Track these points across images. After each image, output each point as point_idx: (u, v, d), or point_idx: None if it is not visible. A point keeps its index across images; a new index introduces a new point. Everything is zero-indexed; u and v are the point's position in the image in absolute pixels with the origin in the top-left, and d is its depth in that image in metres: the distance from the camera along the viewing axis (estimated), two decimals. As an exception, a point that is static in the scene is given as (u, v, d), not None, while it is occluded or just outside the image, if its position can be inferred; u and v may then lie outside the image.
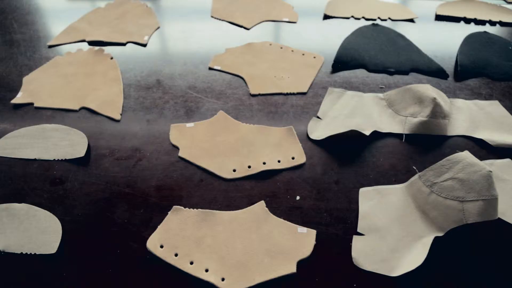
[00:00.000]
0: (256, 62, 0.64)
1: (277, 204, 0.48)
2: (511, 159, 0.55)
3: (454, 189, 0.45)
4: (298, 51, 0.67)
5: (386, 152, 0.54)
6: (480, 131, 0.58)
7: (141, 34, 0.69)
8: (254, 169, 0.50)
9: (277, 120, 0.57)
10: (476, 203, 0.44)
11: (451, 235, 0.45)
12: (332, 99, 0.60)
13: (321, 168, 0.51)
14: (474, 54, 0.71)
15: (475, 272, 0.43)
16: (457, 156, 0.47)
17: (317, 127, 0.56)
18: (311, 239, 0.45)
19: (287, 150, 0.53)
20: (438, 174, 0.47)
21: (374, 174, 0.51)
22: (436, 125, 0.55)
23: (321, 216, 0.47)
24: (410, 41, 0.72)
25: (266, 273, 0.42)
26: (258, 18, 0.74)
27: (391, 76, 0.66)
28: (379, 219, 0.47)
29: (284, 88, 0.60)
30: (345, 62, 0.66)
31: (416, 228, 0.46)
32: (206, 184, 0.49)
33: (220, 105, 0.58)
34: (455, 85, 0.67)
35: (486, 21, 0.81)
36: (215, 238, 0.45)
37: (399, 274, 0.41)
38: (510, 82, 0.68)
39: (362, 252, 0.44)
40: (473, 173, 0.45)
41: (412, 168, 0.50)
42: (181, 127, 0.55)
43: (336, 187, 0.50)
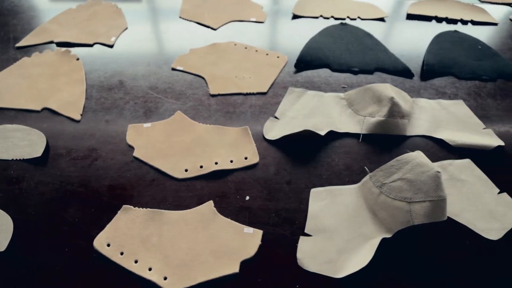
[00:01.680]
0: (219, 63, 0.64)
1: (226, 204, 0.48)
2: (471, 159, 0.54)
3: (402, 190, 0.45)
4: (263, 51, 0.67)
5: (342, 152, 0.54)
6: (441, 131, 0.57)
7: (108, 35, 0.69)
8: (206, 169, 0.50)
9: (234, 120, 0.57)
10: (423, 204, 0.43)
11: (404, 235, 0.44)
12: (292, 99, 0.60)
13: (274, 168, 0.51)
14: (442, 53, 0.70)
15: (421, 272, 0.42)
16: (407, 157, 0.47)
17: (273, 127, 0.55)
18: (256, 240, 0.45)
19: (241, 150, 0.53)
20: (388, 175, 0.47)
21: (328, 174, 0.51)
22: (393, 124, 0.55)
23: (269, 217, 0.46)
24: (377, 40, 0.72)
25: (208, 273, 0.42)
26: (225, 19, 0.74)
27: (355, 76, 0.66)
28: (329, 219, 0.47)
29: (244, 88, 0.60)
30: (308, 62, 0.65)
31: (365, 229, 0.46)
32: (158, 184, 0.49)
33: (179, 105, 0.58)
34: (420, 85, 0.66)
35: (458, 20, 0.80)
36: (161, 238, 0.45)
37: (343, 276, 0.41)
38: (477, 81, 0.67)
39: (307, 253, 0.44)
40: (421, 174, 0.45)
41: (364, 168, 0.50)
42: (138, 127, 0.55)
43: (288, 188, 0.50)
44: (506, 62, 0.71)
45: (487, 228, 0.47)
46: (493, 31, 0.82)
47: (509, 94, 0.66)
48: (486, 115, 0.62)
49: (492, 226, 0.48)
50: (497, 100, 0.66)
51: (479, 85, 0.67)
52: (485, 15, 0.82)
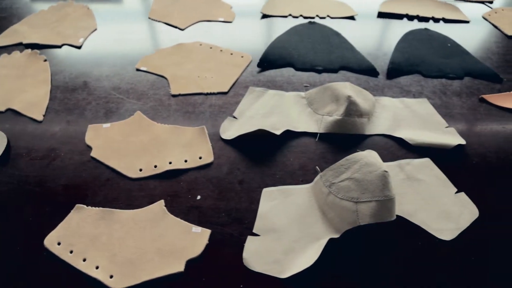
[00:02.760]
0: (183, 63, 0.65)
1: (177, 204, 0.48)
2: (433, 158, 0.54)
3: (350, 190, 0.45)
4: (227, 51, 0.67)
5: (298, 151, 0.54)
6: (402, 129, 0.57)
7: (77, 37, 0.70)
8: (160, 168, 0.51)
9: (193, 120, 0.57)
10: (369, 204, 0.43)
11: (354, 235, 0.44)
12: (252, 98, 0.60)
13: (227, 168, 0.51)
14: (410, 51, 0.70)
15: (367, 273, 0.42)
16: (356, 156, 0.47)
17: (230, 127, 0.56)
18: (203, 239, 0.45)
19: (196, 149, 0.53)
20: (337, 174, 0.47)
21: (282, 174, 0.51)
22: (351, 123, 0.55)
23: (218, 216, 0.47)
24: (345, 39, 0.71)
25: (153, 272, 0.43)
26: (193, 19, 0.75)
27: (319, 75, 0.65)
28: (278, 219, 0.47)
29: (205, 88, 0.60)
30: (272, 61, 0.65)
31: (315, 230, 0.46)
32: (112, 183, 0.50)
33: (139, 105, 0.59)
34: (385, 83, 0.66)
35: (430, 18, 0.80)
36: (110, 236, 0.45)
37: (288, 276, 0.41)
38: (444, 79, 0.67)
39: (254, 253, 0.44)
40: (368, 173, 0.44)
41: (316, 168, 0.50)
42: (98, 127, 0.56)
43: (240, 187, 0.50)
44: (475, 60, 0.70)
45: (441, 229, 0.47)
46: (465, 29, 0.81)
47: (475, 93, 0.66)
48: (450, 114, 0.62)
49: (446, 227, 0.47)
50: (462, 98, 0.65)
51: (445, 84, 0.67)
52: (457, 13, 0.81)
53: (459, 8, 0.84)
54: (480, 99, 0.65)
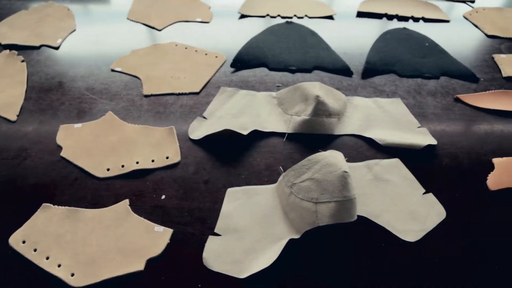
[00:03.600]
0: (158, 63, 0.65)
1: (141, 203, 0.48)
2: (404, 158, 0.53)
3: (310, 190, 0.45)
4: (202, 51, 0.67)
5: (265, 152, 0.54)
6: (372, 130, 0.56)
7: (55, 37, 0.71)
8: (127, 168, 0.51)
9: (163, 120, 0.57)
10: (328, 205, 0.43)
11: (318, 236, 0.44)
12: (223, 98, 0.60)
13: (193, 168, 0.52)
14: (386, 50, 0.69)
15: (326, 274, 0.42)
16: (317, 156, 0.47)
17: (199, 127, 0.56)
18: (165, 238, 0.45)
19: (164, 149, 0.53)
20: (298, 175, 0.47)
21: (247, 174, 0.51)
22: (319, 123, 0.55)
23: (181, 216, 0.47)
24: (321, 38, 0.71)
25: (114, 270, 0.43)
26: (171, 19, 0.75)
27: (292, 75, 0.65)
28: (241, 219, 0.47)
29: (177, 88, 0.60)
30: (245, 61, 0.65)
31: (277, 230, 0.46)
32: (80, 183, 0.50)
33: (112, 106, 0.59)
34: (358, 83, 0.65)
35: (409, 17, 0.79)
36: (74, 235, 0.46)
37: (246, 276, 0.41)
38: (419, 79, 0.66)
39: (214, 253, 0.44)
40: (328, 174, 0.44)
41: (279, 168, 0.50)
42: (69, 127, 0.56)
43: (204, 187, 0.50)
44: (452, 59, 0.69)
45: (406, 230, 0.47)
46: (445, 28, 0.80)
47: (450, 92, 0.65)
48: (423, 114, 0.61)
49: (411, 228, 0.47)
50: (437, 98, 0.64)
51: (420, 83, 0.66)
52: (437, 12, 0.80)
53: (440, 7, 0.83)
54: (455, 99, 0.64)
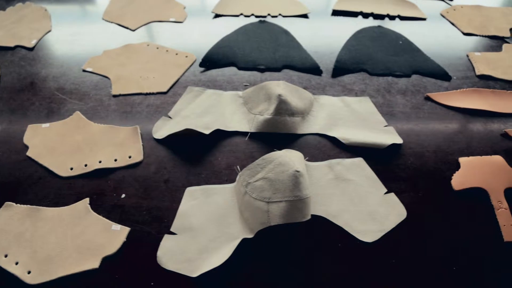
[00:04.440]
0: (128, 63, 0.66)
1: (102, 202, 0.49)
2: (370, 157, 0.53)
3: (263, 190, 0.45)
4: (173, 51, 0.68)
5: (227, 151, 0.54)
6: (337, 129, 0.56)
7: (30, 38, 0.72)
8: (90, 167, 0.51)
9: (129, 119, 0.58)
10: (279, 204, 0.43)
11: (272, 236, 0.44)
12: (190, 98, 0.60)
13: (155, 167, 0.52)
14: (358, 49, 0.69)
15: (281, 273, 0.42)
16: (272, 155, 0.47)
17: (163, 126, 0.56)
18: (121, 237, 0.46)
19: (127, 149, 0.53)
20: (253, 174, 0.47)
21: (207, 173, 0.52)
22: (281, 122, 0.55)
23: (140, 214, 0.47)
24: (293, 37, 0.71)
25: (69, 268, 0.44)
26: (145, 19, 0.75)
27: (261, 74, 0.65)
28: (197, 218, 0.47)
29: (145, 88, 0.61)
30: (215, 61, 0.65)
31: (232, 229, 0.46)
32: (44, 182, 0.51)
33: (80, 106, 0.60)
34: (327, 81, 0.65)
35: (385, 15, 0.79)
36: (34, 233, 0.47)
37: (198, 275, 0.41)
38: (389, 77, 0.66)
39: (168, 251, 0.44)
40: (281, 173, 0.44)
41: (235, 167, 0.50)
42: (37, 127, 0.57)
43: (164, 186, 0.50)
44: (425, 57, 0.69)
45: (364, 230, 0.47)
46: (422, 26, 0.79)
47: (421, 91, 0.65)
48: (391, 112, 0.61)
49: (370, 228, 0.47)
50: (407, 96, 0.64)
51: (391, 82, 0.66)
52: (414, 10, 0.79)
53: (419, 5, 0.82)
54: (425, 98, 0.63)
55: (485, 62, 0.69)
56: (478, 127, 0.60)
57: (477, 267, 0.44)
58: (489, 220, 0.48)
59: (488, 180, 0.52)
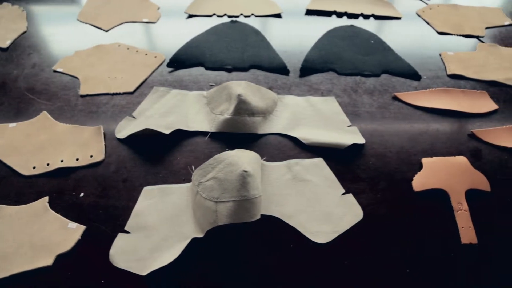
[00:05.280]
0: (98, 64, 0.66)
1: (61, 200, 0.49)
2: (333, 157, 0.53)
3: (213, 189, 0.45)
4: (143, 51, 0.68)
5: (187, 151, 0.54)
6: (299, 128, 0.56)
7: (5, 39, 0.73)
8: (52, 166, 0.52)
9: (94, 119, 0.58)
10: (226, 204, 0.43)
11: (222, 235, 0.44)
12: (155, 98, 0.60)
13: (115, 167, 0.53)
14: (328, 48, 0.68)
15: (231, 273, 0.43)
16: (223, 155, 0.47)
17: (126, 126, 0.56)
18: (76, 235, 0.46)
19: (89, 148, 0.54)
20: (205, 173, 0.47)
21: (165, 173, 0.52)
22: (241, 122, 0.55)
23: (96, 213, 0.48)
24: (263, 37, 0.71)
25: (23, 265, 0.44)
26: (118, 20, 0.76)
27: (228, 74, 0.65)
28: (152, 218, 0.48)
29: (113, 88, 0.61)
30: (183, 61, 0.66)
31: (185, 228, 0.46)
32: (6, 181, 0.52)
33: (48, 106, 0.60)
34: (294, 81, 0.65)
35: (359, 14, 0.78)
36: (-8, 231, 0.48)
37: (146, 273, 0.41)
38: (358, 77, 0.65)
39: (121, 250, 0.45)
40: (229, 173, 0.45)
41: (190, 167, 0.50)
42: (4, 127, 0.57)
43: (122, 185, 0.51)
44: (396, 57, 0.68)
45: (317, 231, 0.47)
46: (396, 25, 0.78)
47: (389, 90, 0.64)
48: (356, 112, 0.61)
49: (323, 229, 0.47)
50: (374, 96, 0.63)
51: (359, 81, 0.65)
52: (389, 9, 0.78)
53: (394, 4, 0.81)
54: (393, 97, 0.63)
55: (457, 62, 0.68)
56: (445, 127, 0.59)
57: (431, 270, 0.43)
58: (449, 222, 0.47)
59: (449, 181, 0.52)
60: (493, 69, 0.67)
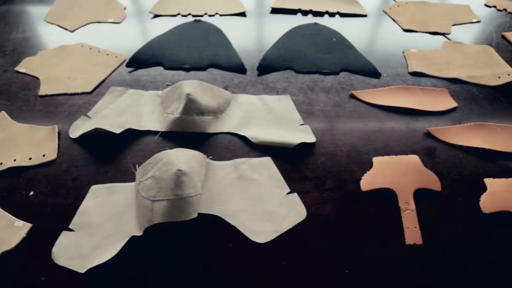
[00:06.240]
0: (61, 64, 0.67)
1: (11, 199, 0.50)
2: (277, 157, 0.52)
3: (150, 188, 0.45)
4: (104, 51, 0.69)
5: (137, 150, 0.55)
6: (250, 127, 0.56)
7: (-27, 40, 0.75)
8: (4, 165, 0.53)
9: (51, 119, 0.59)
10: (162, 203, 0.44)
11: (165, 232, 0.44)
12: (111, 98, 0.61)
13: (66, 166, 0.53)
14: (288, 46, 0.68)
15: (169, 272, 0.43)
16: (161, 154, 0.47)
17: (81, 126, 0.57)
18: (21, 233, 0.47)
19: (43, 148, 0.55)
20: (145, 172, 0.47)
21: (114, 171, 0.52)
22: (190, 121, 0.55)
23: (44, 211, 0.49)
24: (225, 36, 0.71)
25: (-32, 262, 0.46)
26: (84, 20, 0.77)
27: (185, 73, 0.66)
28: (97, 216, 0.48)
29: (71, 88, 0.62)
30: (142, 61, 0.66)
31: (126, 227, 0.47)
32: (-40, 180, 0.54)
33: (8, 106, 0.61)
34: (250, 80, 0.65)
35: (324, 12, 0.78)
36: None
37: (84, 271, 0.42)
38: (316, 75, 0.65)
39: (63, 248, 0.45)
40: (165, 172, 0.45)
41: (131, 166, 0.51)
42: (-37, 127, 0.60)
43: (72, 184, 0.51)
44: (357, 54, 0.67)
45: (258, 231, 0.46)
46: (361, 22, 0.78)
47: (346, 88, 0.64)
48: (311, 111, 0.60)
49: (265, 229, 0.47)
50: (330, 94, 0.63)
51: (316, 79, 0.65)
52: (354, 7, 0.78)
53: (361, 2, 0.80)
54: (350, 96, 0.63)
55: (420, 59, 0.67)
56: (400, 126, 0.59)
57: (371, 271, 0.43)
58: (395, 222, 0.46)
59: (398, 181, 0.51)
60: (456, 66, 0.66)
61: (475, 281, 0.42)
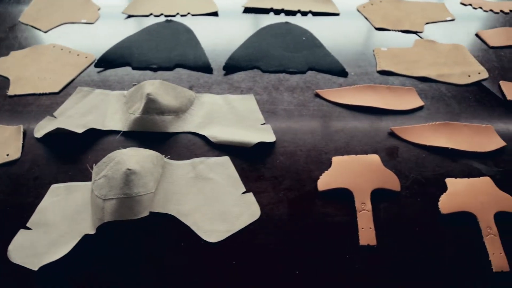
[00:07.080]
0: (32, 64, 0.68)
1: (-28, 199, 0.52)
2: (237, 156, 0.52)
3: (102, 187, 0.46)
4: (75, 52, 0.70)
5: (99, 149, 0.55)
6: (211, 127, 0.56)
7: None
8: (-31, 165, 0.55)
9: (18, 119, 0.60)
10: (111, 202, 0.44)
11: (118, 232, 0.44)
12: (77, 98, 0.62)
13: (29, 165, 0.54)
14: (256, 46, 0.68)
15: (120, 272, 0.43)
16: (114, 154, 0.48)
17: (46, 126, 0.58)
18: (-19, 231, 0.49)
19: (7, 147, 0.56)
20: (99, 172, 0.48)
21: (75, 171, 0.53)
22: (150, 121, 0.55)
23: (4, 210, 0.49)
24: (194, 36, 0.71)
25: None
26: (57, 21, 0.77)
27: (153, 73, 0.66)
28: (54, 215, 0.49)
29: (40, 89, 0.63)
30: (111, 61, 0.67)
31: (82, 226, 0.47)
32: None
33: (-23, 107, 0.63)
34: (216, 80, 0.65)
35: (296, 11, 0.77)
36: None
37: (37, 268, 0.42)
38: (282, 74, 0.65)
39: (19, 246, 0.46)
40: (116, 171, 0.46)
41: (87, 165, 0.51)
42: None
43: (33, 183, 0.52)
44: (326, 53, 0.67)
45: (211, 230, 0.47)
46: (334, 21, 0.77)
47: (312, 87, 0.64)
48: (274, 110, 0.60)
49: (218, 228, 0.47)
50: (295, 94, 0.63)
51: (282, 79, 0.65)
52: (327, 5, 0.77)
53: (335, 0, 0.80)
54: (315, 95, 0.62)
55: (389, 58, 0.67)
56: (364, 125, 0.58)
57: (321, 272, 0.42)
58: (350, 223, 0.46)
59: (355, 181, 0.51)
60: (426, 65, 0.65)
61: (428, 282, 0.42)
